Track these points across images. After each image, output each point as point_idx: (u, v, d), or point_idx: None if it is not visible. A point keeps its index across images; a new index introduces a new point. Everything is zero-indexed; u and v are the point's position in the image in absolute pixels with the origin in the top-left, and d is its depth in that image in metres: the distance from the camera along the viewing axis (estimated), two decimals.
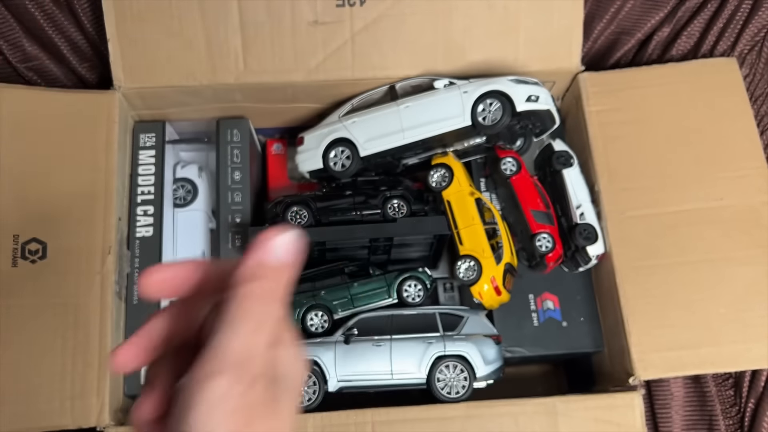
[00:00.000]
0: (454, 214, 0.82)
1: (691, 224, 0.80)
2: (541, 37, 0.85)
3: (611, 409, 0.73)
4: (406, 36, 0.83)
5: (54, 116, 0.81)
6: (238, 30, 0.82)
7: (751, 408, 0.83)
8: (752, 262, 0.78)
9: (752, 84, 0.93)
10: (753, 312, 0.76)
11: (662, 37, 0.96)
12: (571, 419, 0.72)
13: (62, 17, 0.93)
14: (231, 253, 0.83)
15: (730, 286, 0.77)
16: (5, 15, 0.92)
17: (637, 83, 0.86)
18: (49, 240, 0.76)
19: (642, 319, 0.76)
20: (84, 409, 0.72)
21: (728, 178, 0.81)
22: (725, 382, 0.85)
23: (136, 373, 0.77)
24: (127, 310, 0.79)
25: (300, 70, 0.83)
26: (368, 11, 0.82)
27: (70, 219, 0.77)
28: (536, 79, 0.84)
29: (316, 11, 0.82)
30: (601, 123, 0.84)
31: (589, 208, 0.82)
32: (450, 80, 0.83)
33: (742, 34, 0.94)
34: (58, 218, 0.77)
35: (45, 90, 0.86)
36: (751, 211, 0.80)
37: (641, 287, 0.77)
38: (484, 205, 0.83)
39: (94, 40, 0.93)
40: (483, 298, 0.80)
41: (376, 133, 0.82)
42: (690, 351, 0.75)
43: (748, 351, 0.75)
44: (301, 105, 0.90)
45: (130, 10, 0.81)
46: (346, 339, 0.78)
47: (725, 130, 0.84)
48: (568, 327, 0.82)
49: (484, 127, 0.80)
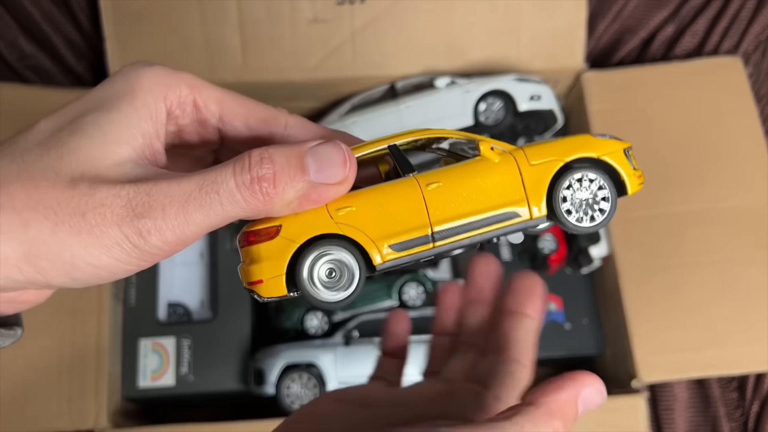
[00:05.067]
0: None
1: (695, 225, 0.79)
2: (544, 36, 0.84)
3: (615, 412, 0.73)
4: (407, 34, 0.83)
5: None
6: (237, 28, 0.81)
7: (755, 411, 0.82)
8: (757, 263, 0.77)
9: (757, 83, 0.93)
10: (757, 314, 0.75)
11: (666, 35, 0.95)
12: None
13: (59, 15, 0.92)
14: (229, 253, 0.82)
15: (735, 288, 0.76)
16: (2, 13, 0.92)
17: (640, 82, 0.85)
18: None
19: (645, 322, 0.75)
20: (81, 412, 0.71)
21: (733, 179, 0.80)
22: (729, 384, 0.84)
23: (134, 376, 0.76)
24: (124, 312, 0.79)
25: (299, 68, 0.82)
26: (369, 9, 0.81)
27: None
28: (539, 77, 0.83)
29: (316, 9, 0.81)
30: (605, 122, 0.83)
31: None
32: (451, 79, 0.82)
33: (747, 33, 0.93)
34: None
35: (42, 88, 0.85)
36: (756, 212, 0.79)
37: (644, 289, 0.76)
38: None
39: (92, 38, 0.92)
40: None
41: (377, 132, 0.81)
42: (694, 353, 0.75)
43: (752, 353, 0.75)
44: (300, 104, 0.89)
45: (127, 8, 0.81)
46: (347, 340, 0.77)
47: (730, 130, 0.83)
48: (570, 329, 0.81)
49: (485, 127, 0.79)
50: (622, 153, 0.34)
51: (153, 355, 0.77)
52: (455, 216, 0.32)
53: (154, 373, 0.77)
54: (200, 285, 0.83)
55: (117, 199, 0.28)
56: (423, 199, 0.32)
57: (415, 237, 0.31)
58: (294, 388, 0.75)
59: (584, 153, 0.33)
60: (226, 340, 0.78)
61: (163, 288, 0.81)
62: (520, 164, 0.32)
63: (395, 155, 0.33)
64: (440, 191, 0.32)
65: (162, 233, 0.28)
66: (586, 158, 0.33)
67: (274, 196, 0.29)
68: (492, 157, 0.32)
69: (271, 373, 0.75)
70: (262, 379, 0.75)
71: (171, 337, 0.78)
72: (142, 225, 0.27)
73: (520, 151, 0.33)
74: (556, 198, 0.32)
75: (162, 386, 0.76)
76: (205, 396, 0.78)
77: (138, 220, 0.27)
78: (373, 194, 0.32)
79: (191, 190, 0.28)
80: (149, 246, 0.28)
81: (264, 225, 0.31)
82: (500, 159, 0.32)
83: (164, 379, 0.76)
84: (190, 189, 0.28)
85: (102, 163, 0.29)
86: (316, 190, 0.30)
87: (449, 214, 0.32)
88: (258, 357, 0.77)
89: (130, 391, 0.76)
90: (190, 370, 0.77)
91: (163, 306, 0.81)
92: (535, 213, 0.32)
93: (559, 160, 0.33)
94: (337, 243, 0.31)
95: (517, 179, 0.32)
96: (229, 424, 0.70)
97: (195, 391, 0.76)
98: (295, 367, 0.76)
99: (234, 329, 0.78)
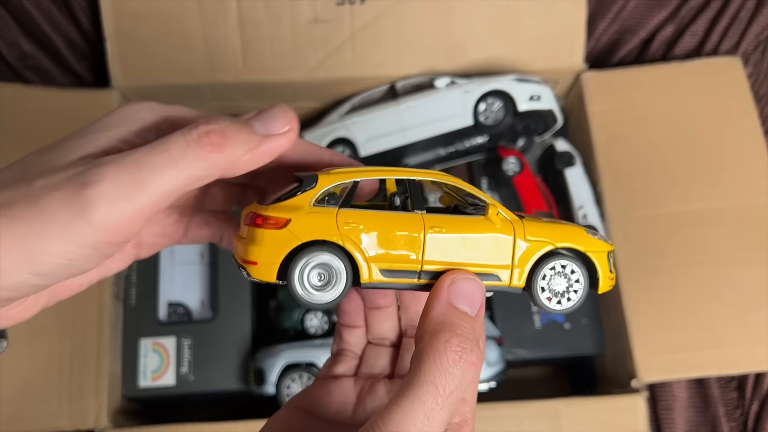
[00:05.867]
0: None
1: (694, 225, 0.79)
2: (544, 36, 0.84)
3: (614, 412, 0.73)
4: (407, 34, 0.83)
5: (51, 115, 0.80)
6: (237, 28, 0.81)
7: (754, 410, 0.82)
8: (756, 263, 0.77)
9: (756, 83, 0.93)
10: (756, 313, 0.75)
11: (666, 35, 0.95)
12: (573, 422, 0.72)
13: (60, 15, 0.92)
14: (230, 254, 0.82)
15: (734, 288, 0.76)
16: (2, 13, 0.92)
17: (640, 82, 0.85)
18: None
19: (645, 321, 0.75)
20: (82, 411, 0.71)
21: (732, 179, 0.81)
22: (728, 384, 0.84)
23: (134, 376, 0.76)
24: (125, 311, 0.79)
25: (300, 68, 0.82)
26: (369, 9, 0.81)
27: None
28: (539, 78, 0.83)
29: (316, 9, 0.81)
30: (604, 122, 0.83)
31: (592, 209, 0.81)
32: (451, 79, 0.82)
33: (747, 33, 0.93)
34: None
35: (42, 89, 0.85)
36: (755, 212, 0.79)
37: (644, 289, 0.77)
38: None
39: (92, 39, 0.92)
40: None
41: (377, 132, 0.82)
42: (693, 353, 0.75)
43: (751, 353, 0.75)
44: (300, 104, 0.89)
45: (128, 8, 0.81)
46: None
47: (729, 130, 0.83)
48: (570, 329, 0.81)
49: (485, 127, 0.79)
50: (606, 255, 0.37)
51: (153, 354, 0.77)
52: (446, 263, 0.34)
53: (154, 372, 0.77)
54: (200, 285, 0.83)
55: (63, 174, 0.28)
56: (423, 239, 0.34)
57: (405, 270, 0.34)
58: (294, 388, 0.75)
59: (574, 245, 0.36)
60: (227, 339, 0.78)
61: (164, 288, 0.81)
62: (517, 235, 0.35)
63: (411, 189, 0.36)
64: (441, 239, 0.34)
65: (114, 202, 0.28)
66: (574, 250, 0.36)
67: (225, 147, 0.30)
68: (495, 221, 0.35)
69: (272, 372, 0.75)
70: (262, 378, 0.75)
71: (171, 336, 0.78)
72: (88, 194, 0.27)
73: (520, 224, 0.35)
74: (537, 274, 0.35)
75: (162, 386, 0.76)
76: (206, 396, 0.78)
77: (84, 189, 0.28)
78: (380, 219, 0.34)
79: (142, 155, 0.29)
80: (101, 218, 0.28)
81: (276, 213, 0.33)
82: (501, 225, 0.35)
83: (164, 378, 0.77)
84: (140, 155, 0.29)
85: (61, 162, 0.30)
86: (265, 141, 0.32)
87: (442, 259, 0.34)
88: (258, 357, 0.77)
89: (130, 391, 0.76)
90: (190, 370, 0.77)
91: (163, 306, 0.81)
92: (515, 281, 0.35)
93: (552, 243, 0.35)
94: (335, 252, 0.33)
95: (510, 248, 0.35)
96: (229, 423, 0.70)
97: (195, 391, 0.77)
98: (295, 366, 0.76)
99: (234, 329, 0.78)
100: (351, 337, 0.43)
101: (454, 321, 0.31)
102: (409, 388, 0.29)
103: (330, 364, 0.43)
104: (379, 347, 0.43)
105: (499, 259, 0.35)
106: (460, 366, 0.29)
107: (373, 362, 0.42)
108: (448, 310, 0.32)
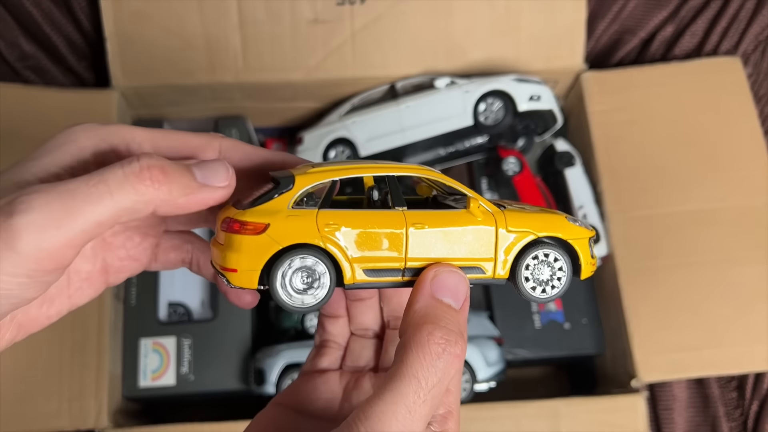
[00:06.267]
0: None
1: (694, 225, 0.79)
2: (544, 36, 0.84)
3: (614, 412, 0.73)
4: (407, 35, 0.83)
5: (52, 115, 0.80)
6: (237, 28, 0.81)
7: (754, 410, 0.82)
8: (756, 263, 0.77)
9: (756, 83, 0.93)
10: (756, 313, 0.75)
11: (666, 36, 0.95)
12: (573, 422, 0.72)
13: (60, 15, 0.92)
14: None
15: (734, 288, 0.77)
16: (2, 13, 0.92)
17: (640, 82, 0.85)
18: None
19: (644, 321, 0.75)
20: (82, 411, 0.71)
21: (732, 179, 0.81)
22: (728, 384, 0.84)
23: (134, 375, 0.76)
24: (125, 311, 0.79)
25: (300, 68, 0.82)
26: (369, 10, 0.81)
27: None
28: (538, 78, 0.83)
29: (316, 10, 0.81)
30: (604, 123, 0.83)
31: (592, 209, 0.81)
32: (451, 79, 0.82)
33: (746, 33, 0.93)
34: None
35: (43, 89, 0.85)
36: (755, 212, 0.79)
37: (644, 289, 0.77)
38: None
39: (92, 39, 0.92)
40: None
41: (377, 132, 0.82)
42: (693, 353, 0.75)
43: (751, 353, 0.75)
44: (300, 104, 0.89)
45: (128, 8, 0.81)
46: None
47: (729, 130, 0.83)
48: (570, 329, 0.81)
49: (485, 127, 0.79)
50: (587, 241, 0.37)
51: (153, 354, 0.77)
52: (430, 259, 0.34)
53: (154, 372, 0.77)
54: (200, 285, 0.83)
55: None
56: (406, 236, 0.34)
57: (389, 268, 0.34)
58: None
59: (556, 233, 0.36)
60: (227, 339, 0.78)
61: (164, 288, 0.81)
62: (499, 227, 0.35)
63: (391, 186, 0.35)
64: (423, 234, 0.34)
65: (42, 231, 0.27)
66: (556, 238, 0.36)
67: (164, 184, 0.30)
68: (477, 214, 0.35)
69: (272, 372, 0.75)
70: (262, 378, 0.75)
71: (171, 336, 0.78)
72: (15, 222, 0.27)
73: (502, 215, 0.35)
74: (521, 264, 0.35)
75: (162, 386, 0.76)
76: (206, 395, 0.78)
77: (11, 218, 0.27)
78: (362, 218, 0.33)
79: (77, 184, 0.29)
80: (29, 247, 0.27)
81: (253, 219, 0.32)
82: (483, 218, 0.35)
83: (165, 378, 0.77)
84: (76, 184, 0.29)
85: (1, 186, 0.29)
86: (202, 189, 0.32)
87: (425, 255, 0.34)
88: (258, 357, 0.77)
89: (130, 391, 0.76)
90: (190, 370, 0.77)
91: (163, 306, 0.81)
92: (499, 272, 0.35)
93: (533, 233, 0.35)
94: (317, 255, 0.33)
95: (493, 240, 0.35)
96: (229, 423, 0.70)
97: (195, 391, 0.77)
98: (295, 366, 0.76)
99: (234, 329, 0.78)
100: (333, 327, 0.43)
101: (437, 313, 0.31)
102: (391, 382, 0.29)
103: (314, 356, 0.43)
104: (362, 339, 0.42)
105: (482, 251, 0.35)
106: (444, 358, 0.29)
107: (357, 354, 0.42)
108: (432, 302, 0.32)
